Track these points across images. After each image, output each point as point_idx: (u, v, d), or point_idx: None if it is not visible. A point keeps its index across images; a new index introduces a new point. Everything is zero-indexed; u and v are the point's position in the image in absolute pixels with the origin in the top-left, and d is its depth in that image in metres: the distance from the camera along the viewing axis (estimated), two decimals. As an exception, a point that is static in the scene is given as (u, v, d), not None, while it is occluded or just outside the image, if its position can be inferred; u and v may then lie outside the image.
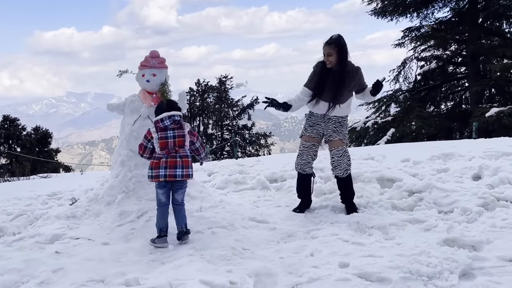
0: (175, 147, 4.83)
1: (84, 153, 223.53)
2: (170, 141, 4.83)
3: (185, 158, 4.85)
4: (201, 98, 44.01)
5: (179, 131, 4.88)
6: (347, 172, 5.65)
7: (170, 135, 4.84)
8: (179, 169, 4.78)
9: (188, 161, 4.87)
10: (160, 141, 4.82)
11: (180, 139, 4.87)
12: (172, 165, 4.76)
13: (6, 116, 39.21)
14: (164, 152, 4.80)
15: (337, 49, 5.46)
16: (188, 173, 4.85)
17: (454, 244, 4.21)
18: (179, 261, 4.21)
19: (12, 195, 7.49)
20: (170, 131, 4.85)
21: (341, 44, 5.48)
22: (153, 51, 5.96)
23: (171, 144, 4.82)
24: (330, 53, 5.47)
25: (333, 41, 5.49)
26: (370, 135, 21.03)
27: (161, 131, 4.85)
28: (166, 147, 4.80)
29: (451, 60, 21.90)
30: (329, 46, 5.48)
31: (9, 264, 4.25)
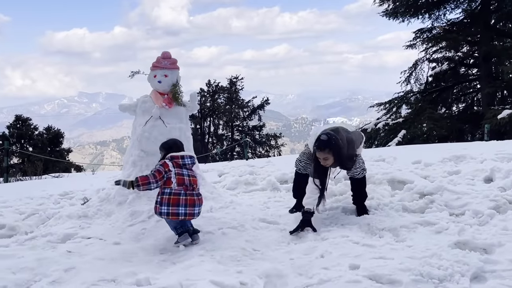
0: (192, 185, 4.77)
1: (95, 153, 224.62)
2: (186, 178, 4.75)
3: (201, 196, 4.86)
4: (211, 98, 44.09)
5: (191, 171, 4.85)
6: (363, 172, 5.60)
7: (185, 173, 4.78)
8: (197, 207, 4.75)
9: (203, 200, 4.91)
10: (178, 176, 4.72)
11: (194, 178, 4.82)
12: (191, 203, 4.68)
13: (18, 116, 39.51)
14: (182, 188, 4.69)
15: (332, 152, 5.11)
16: (200, 211, 4.86)
17: (466, 246, 4.19)
18: (189, 262, 4.22)
19: (24, 195, 7.54)
20: (185, 169, 4.80)
21: (334, 145, 5.09)
22: (165, 52, 5.98)
23: (187, 181, 4.74)
24: (326, 157, 5.15)
25: (326, 146, 5.08)
26: (381, 136, 20.97)
27: (177, 167, 4.77)
28: (184, 183, 4.71)
29: (463, 62, 21.79)
30: (323, 152, 5.12)
31: (22, 262, 4.28)
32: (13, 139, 35.74)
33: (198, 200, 4.76)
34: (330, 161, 5.19)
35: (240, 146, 39.23)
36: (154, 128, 5.81)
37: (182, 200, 4.63)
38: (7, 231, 5.65)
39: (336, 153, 5.13)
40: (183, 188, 4.68)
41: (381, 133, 21.02)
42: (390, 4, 21.22)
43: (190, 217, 4.70)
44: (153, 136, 5.79)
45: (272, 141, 43.72)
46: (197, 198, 4.76)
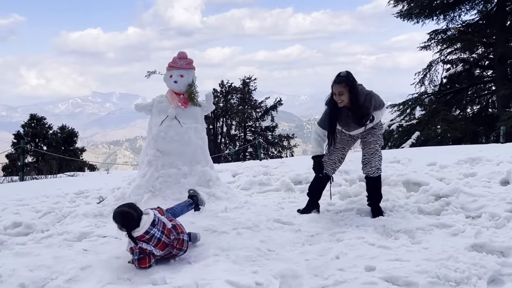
0: (169, 238, 4.35)
1: (108, 152, 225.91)
2: (164, 239, 4.29)
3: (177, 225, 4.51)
4: (224, 99, 44.20)
5: (160, 225, 4.35)
6: (379, 171, 5.60)
7: (159, 235, 4.28)
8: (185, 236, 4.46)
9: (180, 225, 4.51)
10: (158, 246, 4.26)
11: (166, 228, 4.36)
12: (181, 245, 4.40)
13: (33, 115, 39.89)
14: (168, 248, 4.35)
15: (348, 88, 5.26)
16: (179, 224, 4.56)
17: (482, 249, 4.16)
18: (205, 261, 4.23)
19: (40, 193, 7.59)
20: (157, 232, 4.29)
21: (351, 80, 5.29)
22: (181, 52, 6.01)
23: (166, 240, 4.31)
24: (341, 92, 5.26)
25: (343, 79, 5.27)
26: (395, 138, 20.90)
27: (151, 240, 4.25)
28: (165, 245, 4.32)
29: (478, 63, 21.64)
30: (339, 85, 5.26)
31: (39, 260, 4.32)
32: (28, 138, 36.08)
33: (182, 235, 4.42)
34: (344, 98, 5.26)
35: (253, 147, 39.27)
36: (170, 128, 5.84)
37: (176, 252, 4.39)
38: (23, 229, 5.69)
39: (352, 90, 5.25)
40: (169, 248, 4.35)
41: (395, 135, 20.95)
42: (405, 5, 21.15)
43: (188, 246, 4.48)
44: (169, 136, 5.82)
45: (284, 142, 43.72)
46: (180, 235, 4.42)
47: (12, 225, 5.75)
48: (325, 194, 5.99)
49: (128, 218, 4.24)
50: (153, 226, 4.26)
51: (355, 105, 5.32)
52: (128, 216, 4.24)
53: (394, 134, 20.96)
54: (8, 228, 5.67)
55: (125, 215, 4.26)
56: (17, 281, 3.87)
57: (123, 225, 4.26)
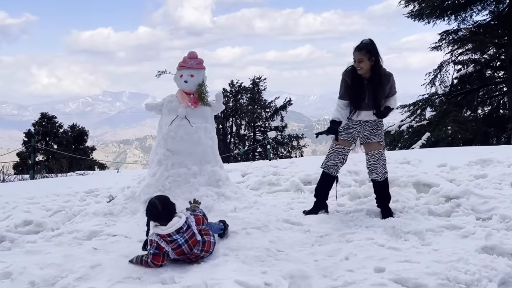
0: (192, 250, 4.30)
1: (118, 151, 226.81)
2: (184, 247, 4.25)
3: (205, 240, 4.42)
4: (234, 99, 44.23)
5: (188, 234, 4.28)
6: (385, 175, 5.59)
7: (182, 242, 4.23)
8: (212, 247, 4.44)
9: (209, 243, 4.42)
10: (176, 251, 4.24)
11: (193, 239, 4.29)
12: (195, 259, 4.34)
13: (44, 114, 40.17)
14: (184, 257, 4.31)
15: (368, 55, 5.22)
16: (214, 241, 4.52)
17: (493, 251, 4.14)
18: (214, 261, 4.24)
19: (50, 191, 7.64)
20: (181, 239, 4.24)
21: (373, 48, 5.26)
22: (191, 52, 6.02)
23: (186, 249, 4.26)
24: (361, 59, 5.24)
25: (364, 46, 5.25)
26: (405, 139, 20.80)
27: (172, 243, 4.23)
28: (183, 253, 4.28)
29: (489, 64, 21.49)
30: (359, 52, 5.24)
31: (49, 258, 4.34)
32: (39, 136, 36.34)
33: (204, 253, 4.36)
34: (364, 65, 5.23)
35: (262, 147, 39.26)
36: (180, 127, 5.85)
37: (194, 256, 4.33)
38: (34, 227, 5.73)
39: (371, 59, 5.21)
40: (185, 258, 4.31)
41: (405, 136, 20.85)
42: (416, 6, 21.03)
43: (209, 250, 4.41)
44: (179, 135, 5.83)
45: (294, 142, 43.70)
46: (203, 253, 4.36)
47: (22, 223, 5.78)
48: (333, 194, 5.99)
49: (152, 210, 4.30)
50: (178, 232, 4.20)
51: (376, 76, 5.29)
52: (152, 208, 4.29)
53: (404, 135, 20.86)
54: (18, 226, 5.71)
55: (150, 205, 4.32)
56: (27, 279, 3.90)
57: (146, 213, 4.36)
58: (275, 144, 42.05)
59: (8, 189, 8.58)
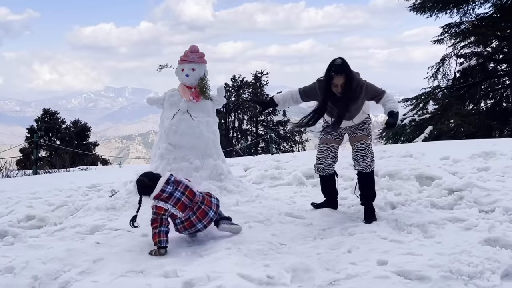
0: (191, 200, 4.62)
1: (121, 147, 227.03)
2: (185, 200, 4.57)
3: (206, 197, 4.72)
4: (236, 93, 44.17)
5: (181, 186, 4.64)
6: (371, 167, 5.33)
7: (179, 196, 4.56)
8: (210, 212, 4.64)
9: (210, 201, 4.72)
10: (178, 206, 4.54)
11: (190, 191, 4.65)
12: (203, 215, 4.59)
13: (46, 110, 40.21)
14: (188, 211, 4.57)
15: (346, 77, 5.03)
16: (216, 210, 4.71)
17: (496, 244, 4.12)
18: (216, 254, 4.23)
19: (53, 186, 7.65)
20: (177, 193, 4.57)
21: (349, 69, 5.05)
22: (192, 46, 6.01)
23: (187, 201, 4.58)
24: (340, 83, 5.05)
25: (342, 69, 4.99)
26: (407, 132, 20.77)
27: (171, 199, 4.55)
28: (186, 206, 4.58)
29: (491, 57, 21.42)
30: (340, 77, 5.01)
31: (52, 253, 4.34)
32: (41, 132, 36.36)
33: (206, 207, 4.64)
34: (341, 88, 5.06)
35: (265, 141, 39.26)
36: (182, 121, 5.84)
37: (195, 220, 4.57)
38: (37, 222, 5.74)
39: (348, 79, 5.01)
40: (188, 210, 4.57)
41: (408, 129, 20.82)
42: (418, -1, 20.96)
43: (210, 223, 4.64)
44: (181, 129, 5.82)
45: (296, 136, 43.65)
46: (204, 206, 4.63)
47: (25, 218, 5.79)
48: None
49: (141, 185, 4.67)
50: (168, 184, 4.55)
51: (347, 92, 5.10)
52: (141, 184, 4.67)
53: (407, 128, 20.82)
54: (21, 221, 5.72)
55: (139, 182, 4.70)
56: (30, 274, 3.90)
57: (138, 191, 4.71)
58: (278, 138, 42.04)
59: (11, 184, 8.60)
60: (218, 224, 4.76)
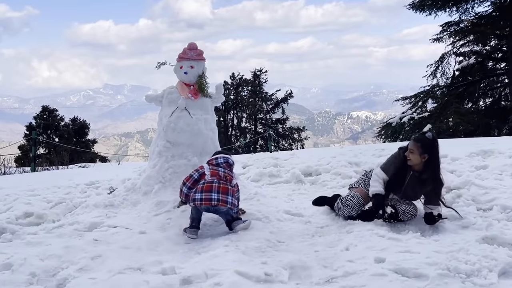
0: (226, 178, 4.95)
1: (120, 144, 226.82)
2: (221, 173, 4.97)
3: (235, 188, 4.97)
4: (235, 91, 44.12)
5: (228, 171, 5.05)
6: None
7: (221, 170, 5.00)
8: (230, 197, 4.80)
9: (235, 191, 4.96)
10: (212, 171, 4.97)
11: (229, 176, 5.00)
12: (224, 191, 4.79)
13: (45, 107, 40.11)
14: (215, 178, 4.88)
15: (421, 150, 4.80)
16: (235, 202, 4.88)
17: (493, 242, 4.14)
18: (214, 252, 4.24)
19: (51, 184, 7.65)
20: (221, 168, 5.01)
21: (429, 146, 4.82)
22: (191, 43, 6.00)
23: (222, 174, 4.96)
24: (412, 150, 4.84)
25: (421, 139, 4.85)
26: (406, 130, 20.75)
27: (212, 166, 5.04)
28: (218, 175, 4.93)
29: (490, 56, 21.40)
30: (414, 143, 4.85)
31: (49, 250, 4.36)
32: (40, 129, 36.30)
33: (231, 190, 4.84)
34: (413, 158, 4.85)
35: (263, 139, 39.24)
36: (180, 119, 5.84)
37: (215, 187, 4.77)
38: (35, 219, 5.74)
39: (425, 155, 4.80)
40: (216, 177, 4.86)
41: (406, 127, 20.80)
42: (418, -3, 20.94)
43: (223, 204, 4.74)
44: (179, 126, 5.82)
45: (295, 134, 43.63)
46: (231, 188, 4.86)
47: (23, 215, 5.80)
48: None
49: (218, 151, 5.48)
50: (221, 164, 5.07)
51: (426, 173, 4.86)
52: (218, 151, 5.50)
53: (405, 127, 20.80)
54: (19, 218, 5.73)
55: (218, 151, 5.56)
56: (28, 270, 3.91)
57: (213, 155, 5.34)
58: (277, 136, 42.02)
59: (9, 181, 8.59)
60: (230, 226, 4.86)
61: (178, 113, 5.86)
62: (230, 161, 5.17)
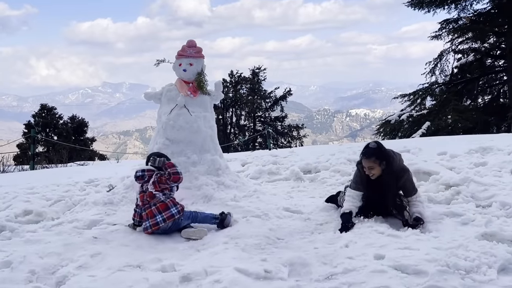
0: (147, 199, 4.92)
1: (118, 142, 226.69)
2: (144, 195, 4.97)
3: (160, 203, 4.85)
4: (234, 89, 44.09)
5: (142, 185, 5.04)
6: None
7: (140, 191, 5.04)
8: (159, 216, 4.76)
9: (164, 205, 4.83)
10: (139, 195, 5.02)
11: (149, 193, 4.94)
12: (150, 215, 4.80)
13: (43, 105, 40.07)
14: (141, 205, 4.95)
15: (378, 161, 4.87)
16: (169, 214, 4.78)
17: (493, 238, 4.13)
18: (214, 249, 4.25)
19: (51, 181, 7.64)
20: (138, 188, 5.07)
21: (381, 153, 4.91)
22: (190, 41, 6.00)
23: (144, 197, 4.95)
24: (371, 166, 4.90)
25: (372, 153, 4.90)
26: (405, 128, 20.77)
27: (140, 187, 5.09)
28: (142, 200, 4.95)
29: (489, 53, 21.41)
30: (368, 160, 4.89)
31: (49, 247, 4.36)
32: (39, 127, 36.27)
33: (155, 210, 4.80)
34: (375, 171, 4.90)
35: (262, 137, 39.24)
36: (179, 116, 5.84)
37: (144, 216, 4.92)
38: (34, 216, 5.74)
39: (384, 162, 4.87)
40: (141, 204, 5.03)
41: (405, 125, 20.81)
42: (416, -6, 20.93)
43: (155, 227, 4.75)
44: (178, 124, 5.82)
45: (294, 132, 43.63)
46: (154, 207, 4.81)
47: (23, 213, 5.79)
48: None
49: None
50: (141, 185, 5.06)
51: (387, 174, 4.92)
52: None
53: (404, 124, 20.82)
54: (19, 216, 5.72)
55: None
56: (27, 268, 3.90)
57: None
58: (275, 134, 42.01)
59: (8, 179, 8.58)
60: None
61: (177, 111, 5.86)
62: (138, 174, 5.07)
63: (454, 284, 3.36)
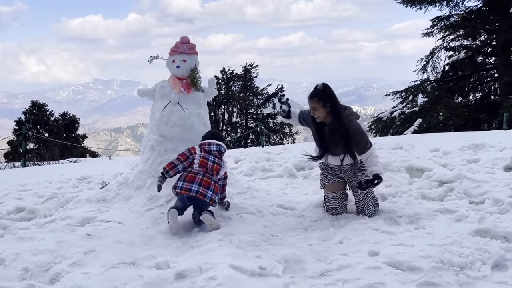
0: (213, 171, 5.04)
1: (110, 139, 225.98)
2: (210, 163, 5.06)
3: (218, 184, 5.03)
4: (226, 86, 44.07)
5: (218, 159, 5.15)
6: (375, 214, 5.00)
7: (210, 159, 5.09)
8: (210, 191, 4.86)
9: (218, 188, 5.05)
10: (201, 159, 5.06)
11: (217, 166, 5.09)
12: (206, 184, 4.87)
13: (34, 102, 39.93)
14: (202, 170, 4.97)
15: (322, 103, 4.75)
16: (215, 198, 4.93)
17: (486, 234, 4.15)
18: (208, 246, 4.23)
19: (43, 178, 7.60)
20: (211, 156, 5.12)
21: (326, 94, 4.77)
22: (183, 37, 5.97)
23: (210, 166, 5.04)
24: (314, 107, 4.80)
25: (315, 93, 4.79)
26: (397, 125, 20.86)
27: (204, 152, 5.13)
28: (205, 166, 5.02)
29: (480, 50, 21.52)
30: (312, 100, 4.80)
31: (42, 245, 4.33)
32: (30, 124, 36.11)
33: (213, 186, 4.88)
34: (319, 114, 4.80)
35: (255, 134, 39.26)
36: (173, 113, 5.81)
37: (198, 179, 4.86)
38: (26, 214, 5.71)
39: (328, 104, 4.74)
40: (203, 170, 4.94)
41: (397, 122, 20.90)
42: (408, -9, 20.99)
43: (201, 196, 4.79)
44: (171, 121, 5.79)
45: (286, 129, 43.68)
46: (213, 183, 4.91)
47: (15, 210, 5.77)
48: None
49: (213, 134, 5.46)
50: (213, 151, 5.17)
51: (335, 123, 4.82)
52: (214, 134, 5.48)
53: (396, 121, 20.90)
54: (11, 213, 5.69)
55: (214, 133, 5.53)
56: (20, 265, 3.89)
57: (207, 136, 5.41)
58: (268, 131, 42.04)
59: (0, 176, 8.53)
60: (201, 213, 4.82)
61: (171, 107, 5.84)
62: (222, 149, 5.23)
63: (448, 280, 3.38)
